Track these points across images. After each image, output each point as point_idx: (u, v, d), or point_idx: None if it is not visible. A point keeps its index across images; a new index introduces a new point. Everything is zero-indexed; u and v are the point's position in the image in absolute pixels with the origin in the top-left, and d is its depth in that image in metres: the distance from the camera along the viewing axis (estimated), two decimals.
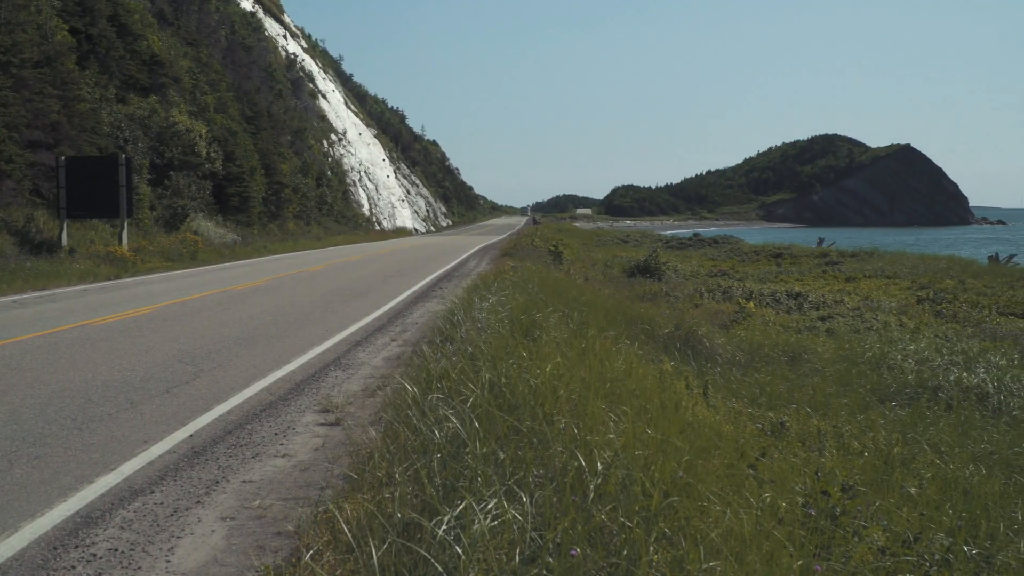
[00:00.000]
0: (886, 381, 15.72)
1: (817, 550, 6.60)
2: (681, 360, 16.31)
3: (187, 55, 59.78)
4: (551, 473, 6.87)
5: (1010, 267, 50.01)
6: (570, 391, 9.15)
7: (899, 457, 10.67)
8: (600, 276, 35.08)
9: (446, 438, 7.62)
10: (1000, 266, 50.38)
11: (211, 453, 9.76)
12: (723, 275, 41.91)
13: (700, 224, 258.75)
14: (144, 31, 52.31)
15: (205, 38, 69.47)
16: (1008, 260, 56.72)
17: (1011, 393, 14.90)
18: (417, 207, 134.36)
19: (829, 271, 46.35)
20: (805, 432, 11.81)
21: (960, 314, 27.33)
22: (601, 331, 14.98)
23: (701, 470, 7.45)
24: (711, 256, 61.72)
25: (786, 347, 18.31)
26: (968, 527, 8.07)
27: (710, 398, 12.66)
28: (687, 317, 20.31)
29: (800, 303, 28.59)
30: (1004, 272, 44.81)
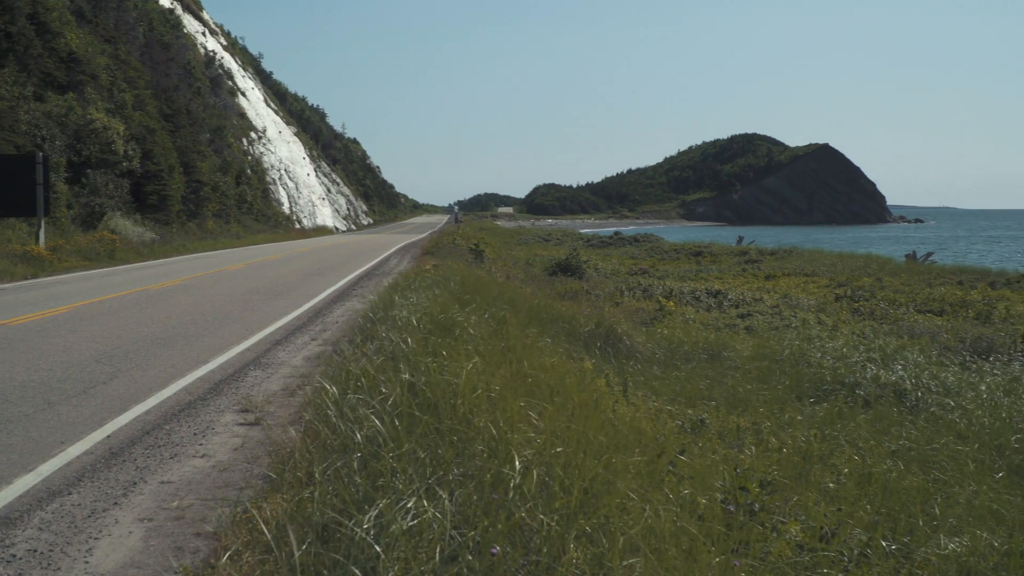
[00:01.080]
0: (805, 378, 15.86)
1: (736, 546, 6.64)
2: (602, 358, 16.36)
3: (105, 52, 59.05)
4: (471, 472, 6.85)
5: (927, 265, 50.69)
6: (490, 389, 9.13)
7: (817, 453, 10.76)
8: (521, 275, 35.14)
9: (366, 437, 7.58)
10: (917, 264, 51.09)
11: (129, 454, 9.65)
12: (643, 273, 42.16)
13: (621, 223, 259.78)
14: (62, 28, 51.70)
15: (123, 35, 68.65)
16: (925, 258, 57.52)
17: (929, 390, 15.06)
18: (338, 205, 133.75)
19: (749, 269, 46.76)
20: (724, 429, 11.89)
21: (878, 312, 27.63)
22: (522, 329, 15.01)
23: (621, 467, 7.47)
24: (632, 254, 62.09)
25: (706, 345, 18.42)
26: (886, 522, 8.14)
27: (630, 396, 12.70)
28: (608, 315, 20.36)
29: (720, 301, 28.79)
30: (921, 270, 45.44)
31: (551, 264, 39.36)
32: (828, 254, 58.08)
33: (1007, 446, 11.89)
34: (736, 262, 52.51)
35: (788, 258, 54.27)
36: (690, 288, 32.09)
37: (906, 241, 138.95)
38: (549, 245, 73.02)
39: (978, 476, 10.49)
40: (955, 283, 38.49)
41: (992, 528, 8.26)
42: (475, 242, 44.49)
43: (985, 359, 19.57)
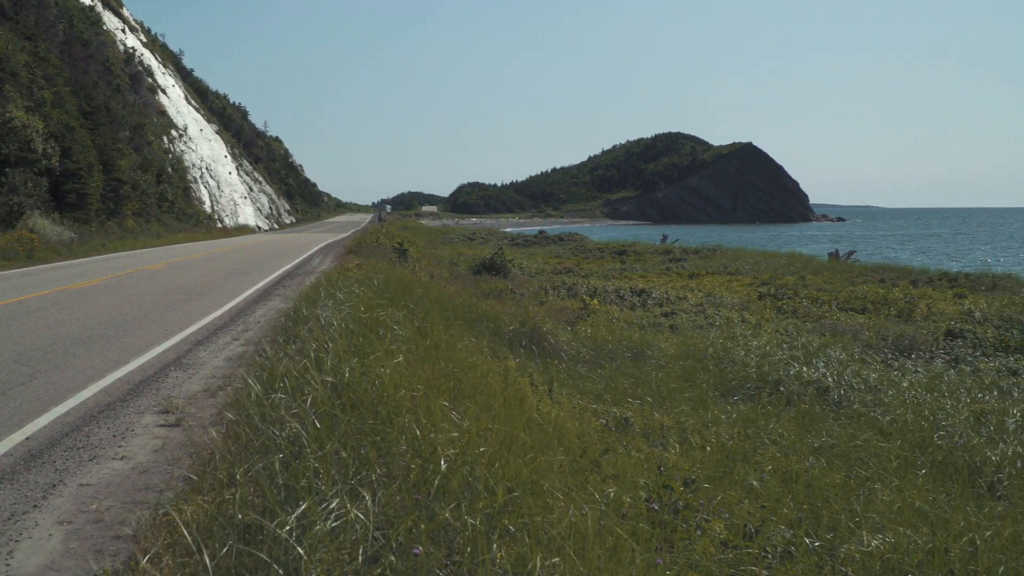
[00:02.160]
0: (728, 376, 15.94)
1: (660, 544, 6.65)
2: (527, 357, 16.34)
3: (24, 50, 58.29)
4: (394, 472, 6.81)
5: (850, 263, 51.22)
6: (414, 389, 9.07)
7: (741, 451, 10.80)
8: (446, 274, 35.06)
9: (288, 438, 7.51)
10: (840, 262, 51.62)
11: (48, 456, 9.50)
12: (568, 272, 42.24)
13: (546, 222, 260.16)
14: None
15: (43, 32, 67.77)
16: (848, 256, 58.12)
17: (851, 387, 15.18)
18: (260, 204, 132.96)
19: (673, 268, 47.04)
20: (649, 427, 11.91)
21: (801, 310, 27.85)
22: (447, 329, 14.95)
23: (545, 466, 7.46)
24: (556, 253, 62.23)
25: (630, 343, 18.45)
26: (810, 519, 8.18)
27: (555, 395, 12.69)
28: (532, 314, 20.34)
29: (644, 300, 28.87)
30: (844, 268, 45.91)
31: (476, 263, 39.30)
32: (752, 252, 58.55)
33: (929, 443, 11.98)
34: (660, 261, 52.79)
35: (712, 257, 54.63)
36: (614, 287, 32.14)
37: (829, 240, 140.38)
38: (474, 244, 73.02)
39: (901, 473, 10.57)
40: (877, 281, 38.91)
41: (915, 525, 8.31)
42: (399, 241, 44.38)
43: (907, 357, 19.77)
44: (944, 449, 11.75)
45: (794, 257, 53.57)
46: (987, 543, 7.79)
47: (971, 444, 11.87)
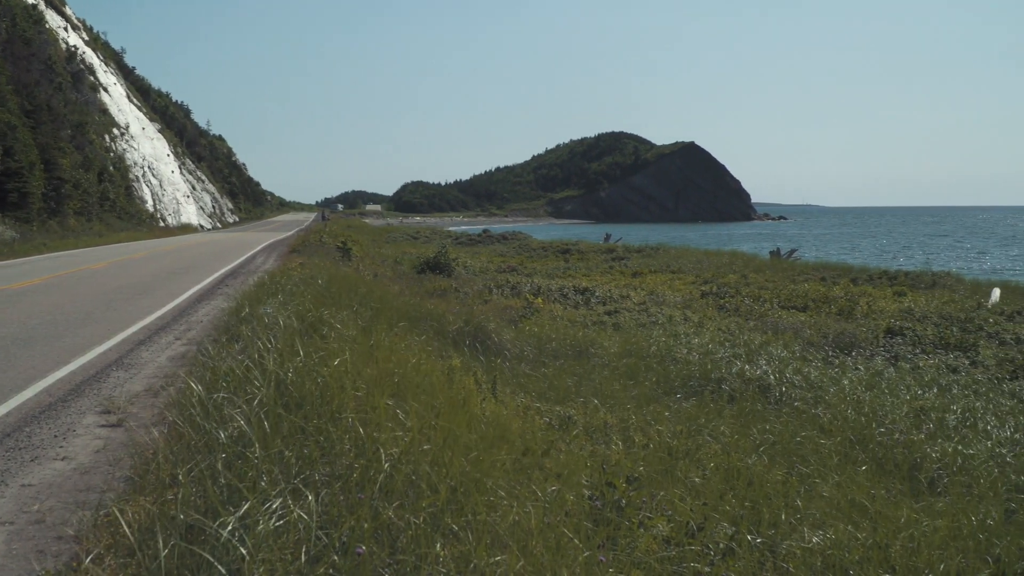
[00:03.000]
0: (671, 374, 16.00)
1: (603, 541, 6.67)
2: (471, 356, 16.35)
3: None
4: (338, 471, 6.81)
5: (791, 262, 51.55)
6: (358, 388, 9.07)
7: (683, 448, 10.85)
8: (390, 272, 34.98)
9: (231, 438, 7.48)
10: (781, 261, 51.96)
11: None
12: (512, 271, 42.29)
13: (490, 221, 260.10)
14: None
15: None
16: (789, 255, 58.50)
17: (792, 385, 15.29)
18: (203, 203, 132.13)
19: (616, 267, 47.16)
20: (592, 425, 11.95)
21: (743, 308, 28.01)
22: (390, 328, 14.93)
23: (488, 465, 7.47)
24: (500, 252, 62.24)
25: (574, 342, 18.48)
26: (751, 516, 8.24)
27: (499, 393, 12.70)
28: (476, 313, 20.34)
29: (588, 298, 28.94)
30: (785, 267, 46.22)
31: (420, 262, 39.19)
32: (694, 251, 58.85)
33: (870, 439, 12.09)
34: (604, 259, 52.91)
35: (655, 255, 54.82)
36: (558, 286, 32.19)
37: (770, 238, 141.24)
38: (418, 243, 72.86)
39: (842, 470, 10.66)
40: (818, 279, 39.25)
41: (856, 521, 8.39)
42: (342, 240, 44.19)
43: (848, 354, 19.94)
44: (884, 446, 11.86)
45: (736, 256, 53.91)
46: (927, 538, 7.87)
47: (911, 441, 11.99)
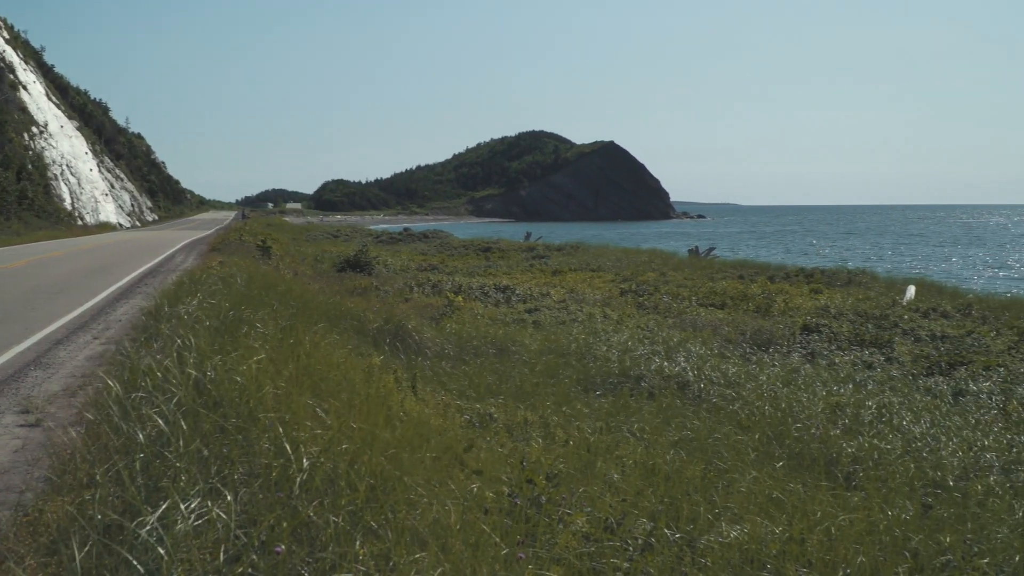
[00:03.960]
0: (591, 371, 16.05)
1: (522, 538, 6.67)
2: (391, 354, 16.30)
3: None
4: (256, 470, 6.79)
5: (709, 260, 51.89)
6: (277, 387, 9.02)
7: (603, 445, 10.88)
8: (310, 271, 34.86)
9: (150, 437, 7.41)
10: (700, 259, 52.28)
11: None
12: (433, 269, 42.24)
13: (411, 219, 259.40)
14: None
15: None
16: (708, 253, 58.90)
17: (711, 381, 15.39)
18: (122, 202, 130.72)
19: (536, 265, 47.20)
20: (512, 423, 11.96)
21: (661, 306, 28.14)
22: (310, 326, 14.85)
23: (408, 463, 7.47)
24: (421, 251, 62.07)
25: (494, 340, 18.49)
26: (670, 512, 8.27)
27: (419, 391, 12.69)
28: (397, 311, 20.32)
29: (508, 296, 28.96)
30: (703, 265, 46.53)
31: (340, 260, 39.04)
32: (614, 250, 59.03)
33: (787, 435, 12.19)
34: (524, 258, 52.94)
35: (575, 254, 54.92)
36: (479, 284, 32.18)
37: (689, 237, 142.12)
38: (338, 241, 72.43)
39: (759, 465, 10.73)
40: (736, 277, 39.51)
41: (773, 516, 8.44)
42: (262, 239, 43.92)
43: (765, 351, 20.11)
44: (801, 441, 11.96)
45: (655, 254, 54.18)
46: (843, 532, 7.93)
47: (827, 436, 12.10)
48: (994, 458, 11.35)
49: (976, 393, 16.05)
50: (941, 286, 38.07)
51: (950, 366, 18.73)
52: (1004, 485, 10.20)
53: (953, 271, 72.53)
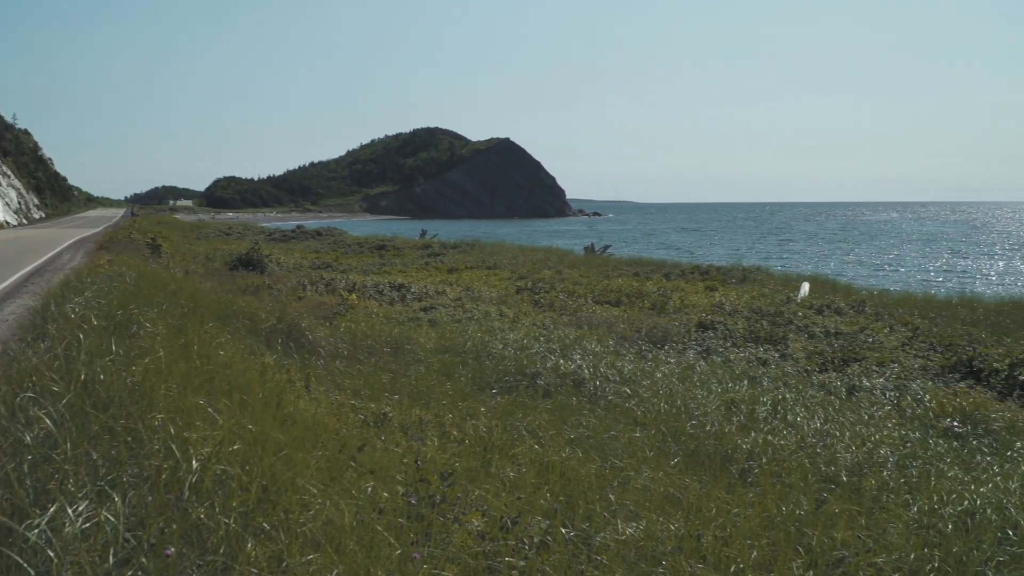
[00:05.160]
0: (487, 369, 16.02)
1: (417, 538, 6.62)
2: (284, 353, 16.14)
3: None
4: (146, 472, 6.64)
5: (605, 257, 52.17)
6: (169, 387, 8.86)
7: (498, 443, 10.84)
8: (201, 269, 34.46)
9: (38, 439, 7.23)
10: (595, 256, 52.55)
11: None
12: (326, 267, 42.03)
13: (304, 216, 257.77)
14: None
15: None
16: (603, 251, 59.21)
17: (606, 379, 15.42)
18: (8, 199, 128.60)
19: (432, 262, 47.23)
20: (407, 422, 11.89)
21: (557, 303, 28.24)
22: (202, 325, 14.65)
23: (302, 463, 7.40)
24: (315, 248, 61.76)
25: (389, 339, 18.41)
26: (566, 510, 8.25)
27: (313, 391, 12.57)
28: (290, 310, 20.14)
29: (403, 294, 28.88)
30: (599, 262, 46.77)
31: (232, 258, 38.67)
32: (510, 247, 59.20)
33: (682, 432, 12.24)
34: (419, 256, 52.93)
35: (471, 251, 55.02)
36: (373, 282, 32.06)
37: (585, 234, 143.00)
38: (230, 239, 71.80)
39: (655, 462, 10.76)
40: (632, 275, 39.77)
41: (669, 513, 8.46)
42: (152, 236, 43.38)
43: (660, 348, 20.21)
44: (696, 438, 12.02)
45: (551, 252, 54.44)
46: (738, 529, 7.96)
47: (723, 432, 12.17)
48: (888, 453, 11.48)
49: (870, 389, 16.26)
50: (835, 282, 38.70)
51: (844, 362, 18.96)
52: (898, 480, 10.31)
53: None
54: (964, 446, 12.20)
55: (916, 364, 19.10)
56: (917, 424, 13.49)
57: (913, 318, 26.26)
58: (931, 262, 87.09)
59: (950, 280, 64.09)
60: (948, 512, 8.70)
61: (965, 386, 16.27)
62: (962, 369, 18.32)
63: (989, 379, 17.38)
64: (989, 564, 7.53)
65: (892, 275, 68.56)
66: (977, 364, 18.25)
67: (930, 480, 10.20)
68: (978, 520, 8.40)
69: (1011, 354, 18.64)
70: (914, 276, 68.15)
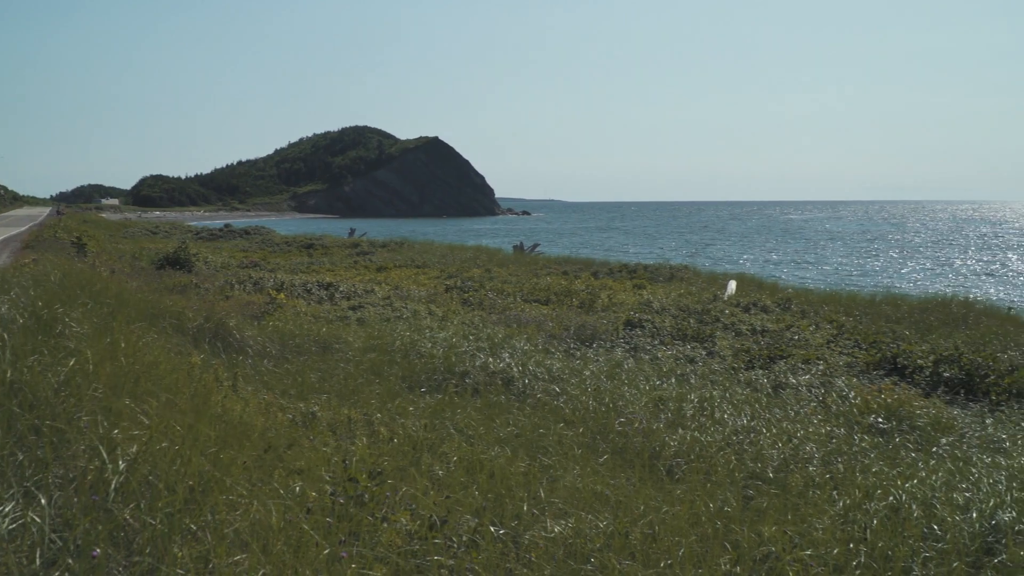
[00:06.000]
0: (416, 368, 15.99)
1: (345, 537, 6.62)
2: (211, 353, 16.03)
3: None
4: (72, 473, 6.60)
5: (534, 256, 52.29)
6: (95, 387, 8.79)
7: (427, 442, 10.83)
8: (128, 268, 34.17)
9: None
10: (524, 255, 52.64)
11: None
12: (254, 266, 41.82)
13: (231, 215, 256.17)
14: None
15: None
16: (532, 249, 59.33)
17: (535, 377, 15.44)
18: None
19: (360, 261, 47.13)
20: (336, 421, 11.85)
21: (486, 302, 28.26)
22: (128, 325, 14.53)
23: (229, 463, 7.38)
24: (243, 247, 61.43)
25: (318, 337, 18.34)
26: (494, 508, 8.27)
27: (240, 391, 12.50)
28: (217, 309, 20.01)
29: (332, 293, 28.78)
30: (528, 261, 46.87)
31: (159, 258, 38.39)
32: (439, 246, 59.24)
33: (610, 429, 12.28)
34: (348, 254, 52.78)
35: (399, 250, 55.01)
36: (302, 281, 31.91)
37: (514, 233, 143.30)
38: (157, 238, 71.22)
39: (584, 459, 10.79)
40: (560, 273, 39.87)
41: (597, 510, 8.48)
42: (78, 235, 42.96)
43: (589, 346, 20.28)
44: (625, 435, 12.05)
45: (480, 250, 54.48)
46: (666, 525, 8.01)
47: (650, 430, 12.22)
48: (814, 449, 11.58)
49: (796, 386, 16.39)
50: (761, 280, 39.00)
51: (770, 360, 19.10)
52: (824, 476, 10.41)
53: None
54: (889, 442, 12.32)
55: (841, 361, 19.31)
56: (842, 420, 13.62)
57: (838, 315, 26.53)
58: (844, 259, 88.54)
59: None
60: (873, 507, 8.78)
61: (890, 383, 16.43)
62: (887, 366, 18.53)
63: (913, 376, 17.59)
64: (915, 559, 7.61)
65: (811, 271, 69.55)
66: (901, 361, 18.47)
67: (855, 476, 10.30)
68: (903, 515, 8.49)
69: (935, 351, 18.88)
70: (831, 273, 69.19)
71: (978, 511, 8.57)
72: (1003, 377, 16.74)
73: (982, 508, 8.64)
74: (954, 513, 8.53)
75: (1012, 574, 7.46)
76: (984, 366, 17.27)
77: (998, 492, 9.15)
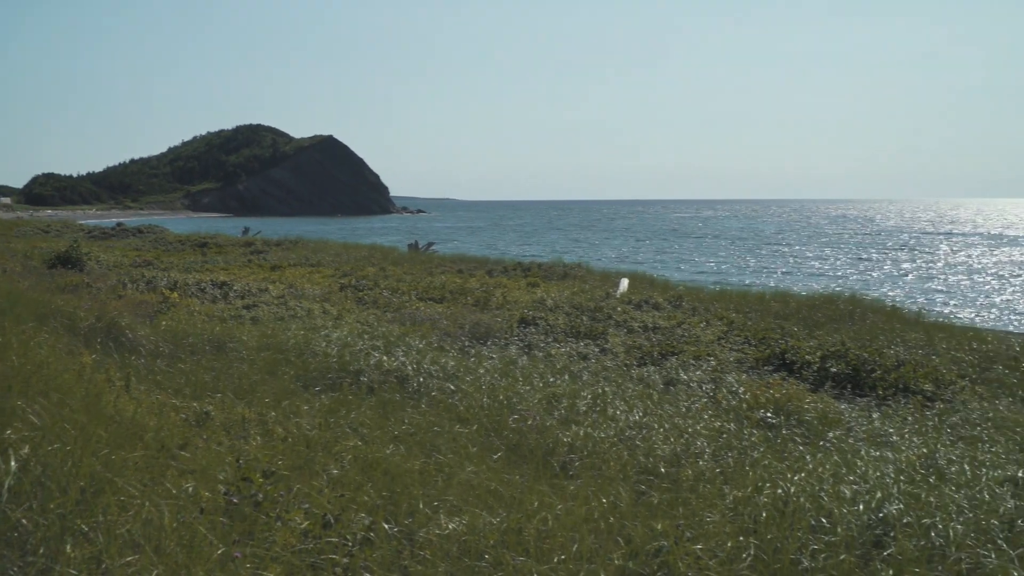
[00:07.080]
0: (311, 367, 15.95)
1: (239, 537, 6.62)
2: (103, 353, 15.87)
3: None
4: None
5: (428, 254, 52.33)
6: None
7: (322, 441, 10.84)
8: (19, 268, 33.65)
9: None
10: (419, 253, 52.65)
11: None
12: (148, 265, 41.35)
13: (124, 214, 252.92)
14: None
15: None
16: (427, 248, 59.35)
17: (430, 375, 15.48)
18: None
19: (255, 260, 46.79)
20: (230, 420, 11.80)
21: (381, 300, 28.23)
22: (18, 325, 14.36)
23: (121, 464, 7.34)
24: (135, 246, 60.64)
25: (212, 337, 18.22)
26: (389, 506, 8.30)
27: (133, 391, 12.39)
28: (109, 308, 19.79)
29: (226, 292, 28.56)
30: (423, 259, 46.88)
31: (51, 256, 37.85)
32: (333, 244, 58.98)
33: (504, 427, 12.34)
34: (242, 253, 52.38)
35: (294, 248, 54.67)
36: (195, 280, 31.60)
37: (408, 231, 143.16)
38: (49, 237, 70.08)
39: (478, 457, 10.85)
40: (455, 271, 39.92)
41: (492, 507, 8.55)
42: None
43: (483, 344, 20.35)
44: (519, 432, 12.12)
45: (375, 248, 54.37)
46: (560, 521, 8.09)
47: (544, 426, 12.31)
48: (704, 444, 11.72)
49: (687, 382, 16.60)
50: (652, 278, 39.35)
51: (662, 356, 19.32)
52: (714, 470, 10.56)
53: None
54: (777, 436, 12.51)
55: (731, 357, 19.59)
56: (732, 415, 13.80)
57: (728, 313, 26.88)
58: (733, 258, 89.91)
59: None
60: (763, 500, 8.92)
61: (778, 378, 16.70)
62: (775, 362, 18.82)
63: (801, 371, 17.89)
64: (804, 551, 7.75)
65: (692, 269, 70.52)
66: (790, 357, 18.77)
67: (745, 470, 10.46)
68: (792, 508, 8.63)
69: (822, 347, 19.23)
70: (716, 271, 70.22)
71: (864, 504, 8.74)
72: (890, 372, 17.10)
73: (868, 500, 8.82)
74: (842, 505, 8.67)
75: (900, 567, 7.61)
76: (871, 361, 17.62)
77: (885, 485, 9.33)
